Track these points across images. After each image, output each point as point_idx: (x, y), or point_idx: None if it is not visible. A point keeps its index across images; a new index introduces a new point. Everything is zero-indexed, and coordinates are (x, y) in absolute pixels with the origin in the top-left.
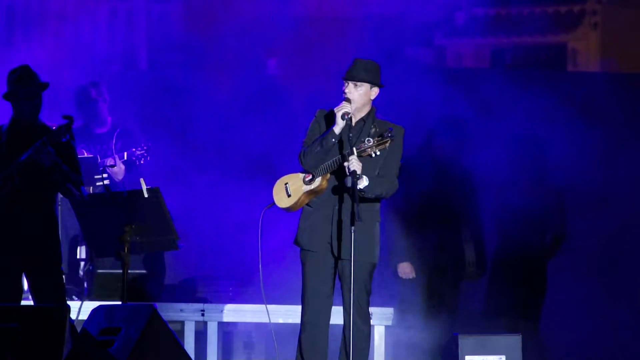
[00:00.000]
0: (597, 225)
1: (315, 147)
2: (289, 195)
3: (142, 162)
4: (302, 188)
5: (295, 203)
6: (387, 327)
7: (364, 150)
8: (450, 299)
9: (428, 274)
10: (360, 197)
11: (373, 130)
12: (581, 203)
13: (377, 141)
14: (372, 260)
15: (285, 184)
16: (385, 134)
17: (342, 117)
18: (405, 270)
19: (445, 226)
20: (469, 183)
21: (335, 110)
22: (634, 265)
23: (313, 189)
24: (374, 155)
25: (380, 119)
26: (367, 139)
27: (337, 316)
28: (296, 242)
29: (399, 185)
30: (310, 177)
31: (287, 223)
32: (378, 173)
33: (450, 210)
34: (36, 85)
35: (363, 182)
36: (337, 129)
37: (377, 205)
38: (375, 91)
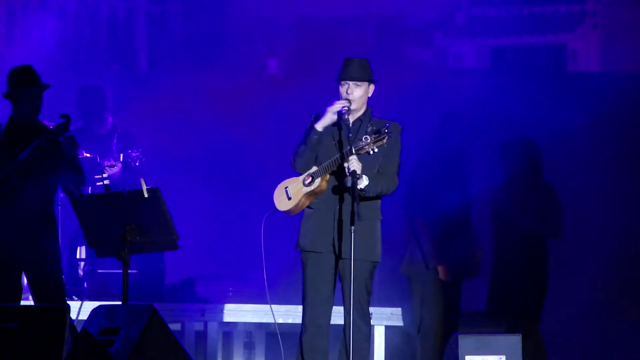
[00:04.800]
0: (598, 226)
1: (300, 146)
2: (289, 198)
3: (137, 164)
4: (302, 190)
5: (296, 205)
6: (387, 327)
7: (362, 148)
8: (450, 299)
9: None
10: (361, 196)
11: (370, 128)
12: (581, 204)
13: (374, 138)
14: (373, 259)
15: (286, 187)
16: (382, 130)
17: (339, 113)
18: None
19: (444, 226)
20: (468, 183)
21: (328, 109)
22: (635, 265)
23: (313, 190)
24: (371, 152)
25: (377, 118)
26: (364, 136)
27: (337, 316)
28: (298, 246)
29: (399, 182)
30: (310, 179)
31: (288, 223)
32: (377, 170)
33: (449, 209)
34: (37, 87)
35: (363, 182)
36: (319, 126)
37: (378, 203)
38: (372, 88)
